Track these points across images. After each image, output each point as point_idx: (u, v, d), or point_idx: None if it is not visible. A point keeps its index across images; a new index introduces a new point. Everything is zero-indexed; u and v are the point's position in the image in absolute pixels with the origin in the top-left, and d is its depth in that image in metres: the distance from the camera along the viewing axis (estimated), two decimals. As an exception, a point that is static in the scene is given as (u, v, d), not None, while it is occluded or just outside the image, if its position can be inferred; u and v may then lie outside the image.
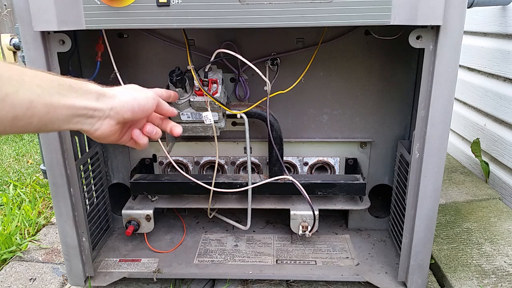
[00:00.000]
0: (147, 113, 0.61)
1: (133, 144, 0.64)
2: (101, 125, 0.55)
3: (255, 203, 1.00)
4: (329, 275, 0.93)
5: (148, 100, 0.61)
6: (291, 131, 1.00)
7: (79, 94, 0.51)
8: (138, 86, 0.63)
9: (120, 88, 0.59)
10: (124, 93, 0.58)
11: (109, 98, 0.55)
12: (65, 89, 0.49)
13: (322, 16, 0.66)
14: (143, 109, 0.59)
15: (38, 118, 0.46)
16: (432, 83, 0.71)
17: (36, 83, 0.46)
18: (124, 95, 0.57)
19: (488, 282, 0.92)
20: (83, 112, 0.52)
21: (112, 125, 0.56)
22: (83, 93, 0.51)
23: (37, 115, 0.46)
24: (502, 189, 1.33)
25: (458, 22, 0.67)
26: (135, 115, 0.58)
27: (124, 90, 0.59)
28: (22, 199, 1.46)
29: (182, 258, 0.99)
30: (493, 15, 1.34)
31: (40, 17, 0.68)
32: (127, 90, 0.59)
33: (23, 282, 1.01)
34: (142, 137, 0.63)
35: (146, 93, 0.61)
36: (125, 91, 0.58)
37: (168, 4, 0.66)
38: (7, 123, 0.43)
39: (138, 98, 0.59)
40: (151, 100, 0.61)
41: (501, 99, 1.32)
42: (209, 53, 0.86)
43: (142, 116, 0.61)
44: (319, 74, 0.95)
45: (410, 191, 0.81)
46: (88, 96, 0.52)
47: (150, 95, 0.62)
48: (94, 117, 0.53)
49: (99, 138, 0.57)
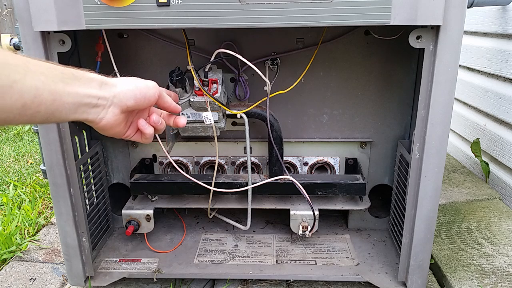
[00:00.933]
0: (150, 101, 0.61)
1: (139, 137, 0.64)
2: (106, 114, 0.55)
3: (255, 203, 1.00)
4: (329, 275, 0.93)
5: (150, 88, 0.61)
6: (291, 131, 1.00)
7: (81, 83, 0.51)
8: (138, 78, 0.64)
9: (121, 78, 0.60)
10: (126, 81, 0.58)
11: (111, 86, 0.55)
12: (68, 78, 0.50)
13: (322, 16, 0.66)
14: (145, 96, 0.59)
15: (45, 106, 0.46)
16: (432, 83, 0.71)
17: (40, 71, 0.46)
18: (126, 84, 0.58)
19: (488, 282, 0.92)
20: (88, 100, 0.52)
21: (116, 114, 0.56)
22: (85, 81, 0.52)
23: (44, 103, 0.46)
24: (502, 189, 1.33)
25: (458, 22, 0.67)
26: (138, 103, 0.59)
27: (125, 79, 0.60)
28: (22, 199, 1.46)
29: (182, 258, 0.99)
30: (493, 15, 1.34)
31: (40, 17, 0.68)
32: (128, 79, 0.60)
33: (23, 282, 1.01)
34: (148, 127, 0.63)
35: (147, 83, 0.62)
36: (126, 80, 0.59)
37: (168, 4, 0.66)
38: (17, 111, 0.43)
39: (140, 86, 0.59)
40: (153, 89, 0.61)
41: (501, 99, 1.32)
42: (209, 53, 0.86)
43: (145, 105, 0.61)
44: (319, 74, 0.95)
45: (410, 191, 0.81)
46: (91, 84, 0.52)
47: (152, 84, 0.62)
48: (98, 106, 0.54)
49: (105, 129, 0.57)
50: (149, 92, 0.60)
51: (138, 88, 0.59)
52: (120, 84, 0.57)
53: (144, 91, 0.59)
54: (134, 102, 0.58)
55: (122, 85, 0.57)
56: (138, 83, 0.60)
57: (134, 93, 0.58)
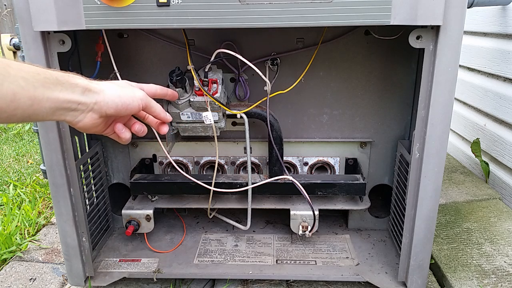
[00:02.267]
0: (131, 111, 0.62)
1: (116, 137, 0.65)
2: (83, 118, 0.56)
3: (255, 203, 1.00)
4: (329, 275, 0.93)
5: (134, 99, 0.61)
6: (291, 131, 1.00)
7: (64, 88, 0.52)
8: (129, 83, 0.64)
9: (108, 83, 0.60)
10: (111, 89, 0.58)
11: (95, 93, 0.56)
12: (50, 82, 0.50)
13: (322, 16, 0.66)
14: (127, 108, 0.60)
15: (22, 110, 0.47)
16: (432, 83, 0.71)
17: (21, 75, 0.46)
18: (110, 92, 0.58)
19: (488, 282, 0.92)
20: (67, 105, 0.53)
21: (94, 119, 0.57)
22: (68, 86, 0.52)
23: (21, 108, 0.47)
24: (502, 189, 1.33)
25: (458, 22, 0.67)
26: (119, 113, 0.59)
27: (111, 86, 0.59)
28: (22, 199, 1.46)
29: (182, 258, 0.99)
30: (493, 15, 1.34)
31: (40, 17, 0.68)
32: (115, 86, 0.60)
33: (23, 282, 1.01)
34: (125, 131, 0.64)
35: (134, 93, 0.62)
36: (112, 87, 0.59)
37: (168, 4, 0.66)
38: None
39: (124, 96, 0.59)
40: (138, 100, 0.62)
41: (501, 99, 1.32)
42: (209, 53, 0.86)
43: (126, 114, 0.62)
44: (319, 74, 0.95)
45: (410, 191, 0.81)
46: (74, 89, 0.53)
47: (138, 95, 0.62)
48: (77, 110, 0.54)
49: (82, 129, 0.58)
50: (132, 103, 0.60)
51: (121, 98, 0.59)
52: (105, 92, 0.57)
53: (127, 102, 0.59)
54: (115, 111, 0.58)
55: (106, 93, 0.57)
56: (123, 92, 0.60)
57: (116, 103, 0.58)
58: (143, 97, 0.63)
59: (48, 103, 0.50)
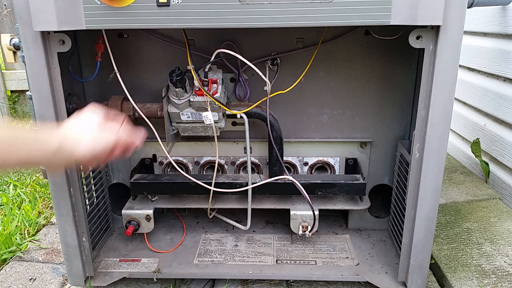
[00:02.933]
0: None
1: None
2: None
3: (255, 203, 1.00)
4: (329, 275, 0.93)
5: (101, 161, 0.65)
6: (291, 131, 1.00)
7: (34, 148, 0.56)
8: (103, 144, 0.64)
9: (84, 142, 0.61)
10: (83, 149, 0.60)
11: (66, 153, 0.59)
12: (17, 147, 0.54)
13: (322, 16, 0.66)
14: (98, 161, 0.64)
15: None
16: (432, 83, 0.71)
17: None
18: (82, 151, 0.60)
19: (488, 282, 0.92)
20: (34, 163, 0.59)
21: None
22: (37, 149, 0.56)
23: None
24: (502, 189, 1.33)
25: (458, 22, 0.67)
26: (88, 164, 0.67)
27: (87, 143, 0.61)
28: (22, 199, 1.46)
29: (182, 258, 0.99)
30: (493, 15, 1.34)
31: (40, 17, 0.68)
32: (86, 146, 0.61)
33: (23, 282, 1.01)
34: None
35: (106, 145, 0.63)
36: (84, 148, 0.60)
37: (168, 4, 0.66)
38: None
39: (97, 153, 0.62)
40: (104, 161, 0.65)
41: (501, 99, 1.32)
42: (209, 53, 0.86)
43: None
44: (319, 74, 0.95)
45: (410, 191, 0.81)
46: (44, 152, 0.57)
47: (110, 146, 0.64)
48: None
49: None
50: (102, 157, 0.64)
51: (92, 155, 0.61)
52: (76, 152, 0.60)
53: (98, 157, 0.63)
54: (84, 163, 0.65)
55: (77, 152, 0.60)
56: (97, 151, 0.62)
57: (88, 160, 0.62)
58: (113, 147, 0.65)
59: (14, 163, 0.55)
